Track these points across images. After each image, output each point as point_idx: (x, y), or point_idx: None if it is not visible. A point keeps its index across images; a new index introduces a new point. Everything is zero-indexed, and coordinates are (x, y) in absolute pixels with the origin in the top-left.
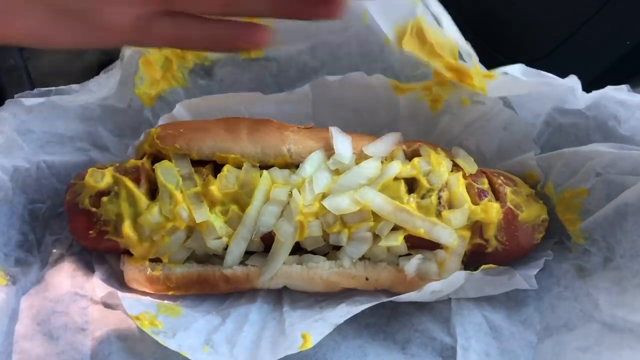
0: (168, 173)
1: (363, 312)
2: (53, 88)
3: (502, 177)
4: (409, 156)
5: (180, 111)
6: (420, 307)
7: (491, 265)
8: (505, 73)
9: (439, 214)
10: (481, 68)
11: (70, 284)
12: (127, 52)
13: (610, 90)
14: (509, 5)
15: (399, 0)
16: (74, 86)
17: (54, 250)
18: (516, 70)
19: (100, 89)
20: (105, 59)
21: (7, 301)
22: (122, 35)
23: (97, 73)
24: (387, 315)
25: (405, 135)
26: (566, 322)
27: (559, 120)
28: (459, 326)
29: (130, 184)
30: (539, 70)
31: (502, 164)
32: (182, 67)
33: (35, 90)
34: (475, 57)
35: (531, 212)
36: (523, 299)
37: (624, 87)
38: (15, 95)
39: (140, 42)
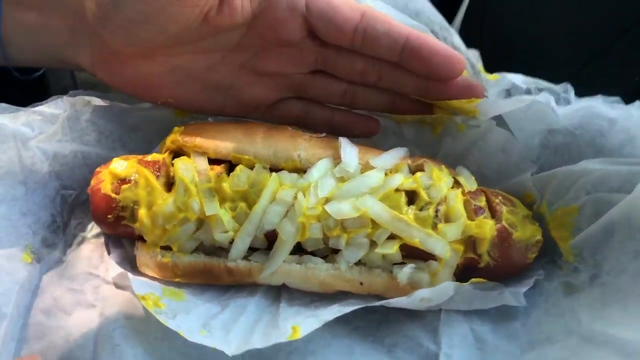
0: (185, 168)
1: (355, 316)
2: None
3: (500, 197)
4: (413, 171)
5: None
6: (412, 316)
7: (481, 280)
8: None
9: (435, 227)
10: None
11: (86, 265)
12: None
13: (589, 103)
14: (524, 33)
15: None
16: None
17: (77, 233)
18: (517, 78)
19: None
20: None
21: (30, 278)
22: (257, 111)
23: None
24: (378, 321)
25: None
26: (549, 336)
27: (553, 141)
28: (445, 336)
29: (149, 174)
30: (537, 80)
31: (502, 184)
32: None
33: (88, 90)
34: (480, 63)
35: (526, 232)
36: (512, 315)
37: (599, 99)
38: (71, 92)
39: (269, 117)
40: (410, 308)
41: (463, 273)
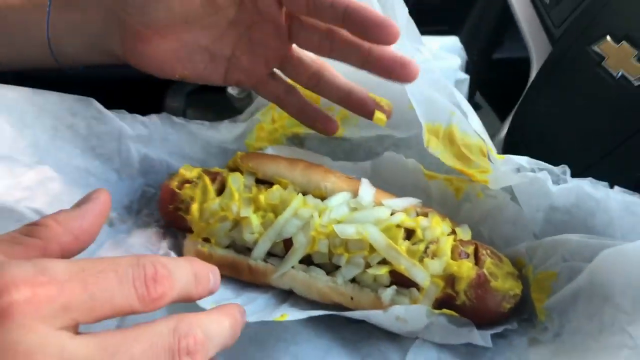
0: (235, 180)
1: (343, 327)
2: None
3: (489, 251)
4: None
5: (269, 151)
6: (392, 337)
7: (453, 313)
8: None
9: (421, 260)
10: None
11: (145, 241)
12: (246, 115)
13: (580, 183)
14: (548, 131)
15: (438, 105)
16: (207, 122)
17: (145, 219)
18: (522, 159)
19: (223, 132)
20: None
21: (100, 234)
22: (253, 81)
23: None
24: (362, 336)
25: None
26: None
27: (554, 218)
28: (412, 354)
29: (207, 180)
30: (538, 161)
31: (504, 251)
32: (283, 134)
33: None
34: (494, 150)
35: (505, 284)
36: (480, 356)
37: (587, 180)
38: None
39: (260, 91)
40: (389, 328)
41: (441, 307)
